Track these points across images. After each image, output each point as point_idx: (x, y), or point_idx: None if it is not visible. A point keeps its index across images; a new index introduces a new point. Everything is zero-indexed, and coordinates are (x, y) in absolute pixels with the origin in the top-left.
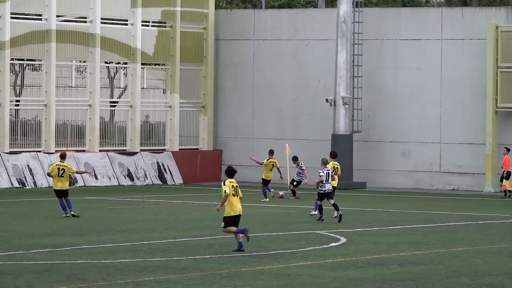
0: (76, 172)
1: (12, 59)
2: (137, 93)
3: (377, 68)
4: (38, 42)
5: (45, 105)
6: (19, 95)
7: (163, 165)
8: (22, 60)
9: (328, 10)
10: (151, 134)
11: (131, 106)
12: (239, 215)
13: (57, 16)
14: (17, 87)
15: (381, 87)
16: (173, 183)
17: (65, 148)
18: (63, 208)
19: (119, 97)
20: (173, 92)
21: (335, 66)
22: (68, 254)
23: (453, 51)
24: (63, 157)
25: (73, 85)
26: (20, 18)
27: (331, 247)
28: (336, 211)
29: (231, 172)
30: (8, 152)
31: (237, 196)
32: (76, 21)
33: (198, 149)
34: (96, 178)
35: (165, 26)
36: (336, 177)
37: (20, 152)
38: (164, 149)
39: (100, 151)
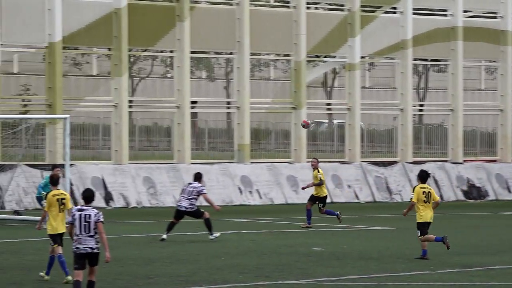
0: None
1: (414, 59)
2: None
3: None
4: (442, 41)
5: (452, 110)
6: (423, 99)
7: None
8: (426, 60)
9: None
10: None
11: None
12: (429, 222)
13: (464, 11)
14: (420, 90)
15: None
16: None
17: (474, 158)
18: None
19: None
20: None
21: None
22: (478, 275)
23: None
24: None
25: (482, 88)
26: (424, 14)
27: None
28: None
29: (424, 177)
30: (412, 162)
31: (428, 203)
32: (485, 17)
33: None
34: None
35: None
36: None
37: (424, 162)
38: None
39: None
